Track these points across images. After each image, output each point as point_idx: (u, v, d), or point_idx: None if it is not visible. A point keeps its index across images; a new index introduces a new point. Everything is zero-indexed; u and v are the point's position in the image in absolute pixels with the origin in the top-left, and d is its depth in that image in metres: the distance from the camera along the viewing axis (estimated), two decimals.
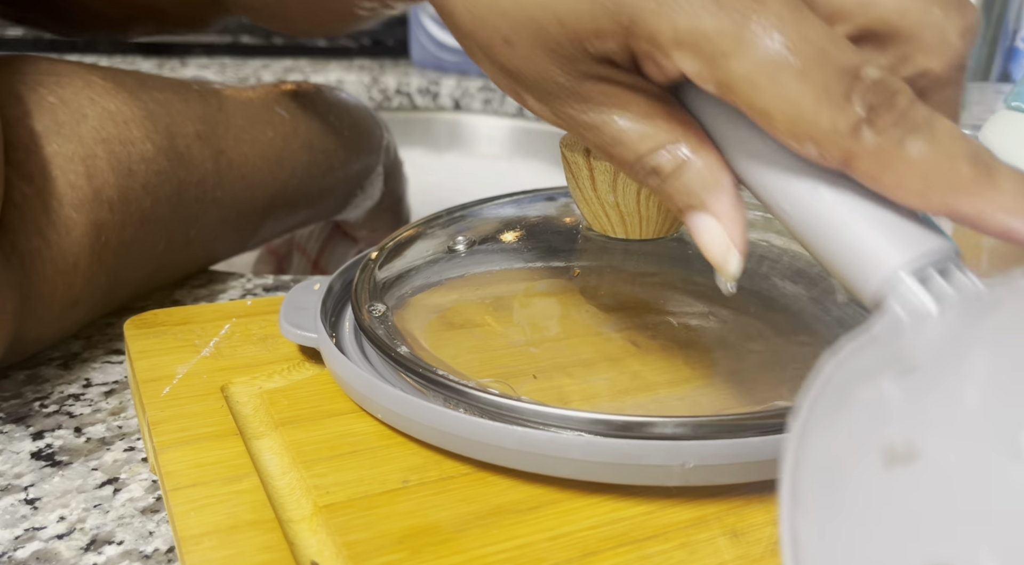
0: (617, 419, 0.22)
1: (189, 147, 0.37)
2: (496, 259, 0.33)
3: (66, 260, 0.30)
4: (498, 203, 0.35)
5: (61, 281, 0.30)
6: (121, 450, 0.28)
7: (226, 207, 0.39)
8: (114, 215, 0.32)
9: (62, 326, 0.32)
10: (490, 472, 0.23)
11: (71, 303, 0.31)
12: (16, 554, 0.24)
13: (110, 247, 0.32)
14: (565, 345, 0.29)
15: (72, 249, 0.30)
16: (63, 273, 0.30)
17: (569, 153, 0.29)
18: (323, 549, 0.21)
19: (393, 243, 0.32)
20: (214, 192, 0.38)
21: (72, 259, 0.30)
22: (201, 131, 0.38)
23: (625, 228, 0.29)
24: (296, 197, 0.45)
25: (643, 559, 0.21)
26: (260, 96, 0.44)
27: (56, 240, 0.30)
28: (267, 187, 0.42)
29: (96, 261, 0.32)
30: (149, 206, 0.34)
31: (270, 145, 0.42)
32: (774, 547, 0.21)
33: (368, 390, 0.25)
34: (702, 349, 0.29)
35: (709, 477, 0.22)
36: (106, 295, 0.34)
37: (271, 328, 0.31)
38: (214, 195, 0.38)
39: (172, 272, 0.39)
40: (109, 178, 0.32)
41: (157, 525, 0.25)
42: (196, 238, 0.38)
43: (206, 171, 0.37)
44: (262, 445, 0.24)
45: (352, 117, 0.50)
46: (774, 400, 0.26)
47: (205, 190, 0.37)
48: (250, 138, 0.41)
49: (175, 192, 0.35)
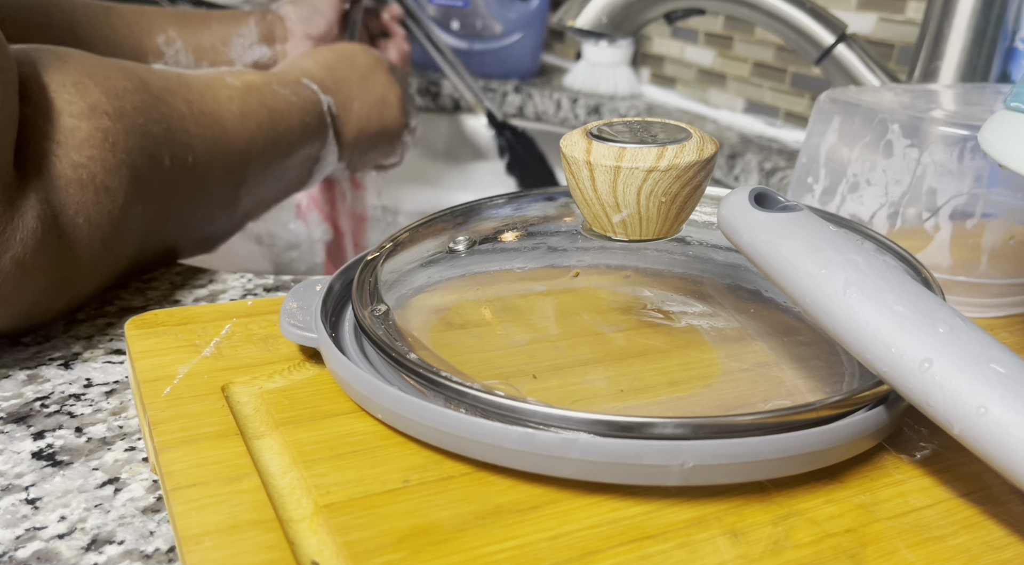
0: (617, 419, 0.22)
1: (162, 91, 0.42)
2: (496, 259, 0.33)
3: (80, 152, 0.35)
4: (498, 203, 0.35)
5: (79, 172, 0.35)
6: (122, 450, 0.29)
7: (208, 142, 0.43)
8: (114, 124, 0.36)
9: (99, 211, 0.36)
10: (490, 472, 0.23)
11: (103, 188, 0.35)
12: (17, 554, 0.24)
13: (120, 148, 0.36)
14: (565, 345, 0.29)
15: (83, 148, 0.35)
16: (77, 165, 0.34)
17: (569, 153, 0.29)
18: (323, 549, 0.21)
19: (393, 243, 0.32)
20: (194, 128, 0.43)
21: (86, 152, 0.35)
22: (167, 86, 0.43)
23: (625, 228, 0.29)
24: (267, 150, 0.48)
25: (643, 559, 0.21)
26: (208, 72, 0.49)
27: (64, 141, 0.34)
28: (238, 135, 0.46)
29: (111, 156, 0.36)
30: (143, 123, 0.38)
31: (230, 101, 0.46)
32: (774, 547, 0.21)
33: (368, 390, 0.25)
34: (702, 349, 0.29)
35: (709, 477, 0.22)
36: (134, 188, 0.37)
37: (271, 328, 0.31)
38: (195, 131, 0.43)
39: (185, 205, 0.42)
40: (100, 98, 0.36)
41: (158, 525, 0.25)
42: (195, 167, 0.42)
43: (181, 112, 0.42)
44: (262, 445, 0.25)
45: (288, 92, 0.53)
46: (774, 400, 0.26)
47: (186, 127, 0.42)
48: (212, 95, 0.45)
49: (162, 118, 0.40)
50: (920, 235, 0.36)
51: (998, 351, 0.21)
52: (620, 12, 0.60)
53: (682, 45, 0.99)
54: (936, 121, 0.36)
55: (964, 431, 0.21)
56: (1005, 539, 0.22)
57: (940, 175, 0.35)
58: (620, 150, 0.28)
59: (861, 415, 0.24)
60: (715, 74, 0.95)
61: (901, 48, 0.74)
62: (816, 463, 0.23)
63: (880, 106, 0.38)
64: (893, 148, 0.37)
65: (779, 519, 0.22)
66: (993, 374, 0.21)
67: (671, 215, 0.29)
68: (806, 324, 0.30)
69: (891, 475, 0.24)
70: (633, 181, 0.28)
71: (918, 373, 0.21)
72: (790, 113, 0.86)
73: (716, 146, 0.29)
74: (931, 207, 0.36)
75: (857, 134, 0.39)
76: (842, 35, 0.58)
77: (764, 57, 0.88)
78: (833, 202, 0.40)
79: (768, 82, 0.88)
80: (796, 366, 0.28)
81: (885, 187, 0.37)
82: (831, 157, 0.40)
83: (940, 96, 0.44)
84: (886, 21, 0.75)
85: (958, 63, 0.54)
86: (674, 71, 1.01)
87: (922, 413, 0.22)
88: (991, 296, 0.36)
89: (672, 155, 0.27)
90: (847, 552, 0.21)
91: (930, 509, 0.23)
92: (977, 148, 0.34)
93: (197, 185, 0.43)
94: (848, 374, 0.27)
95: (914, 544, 0.22)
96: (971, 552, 0.22)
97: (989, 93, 0.44)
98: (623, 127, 0.30)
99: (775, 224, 0.26)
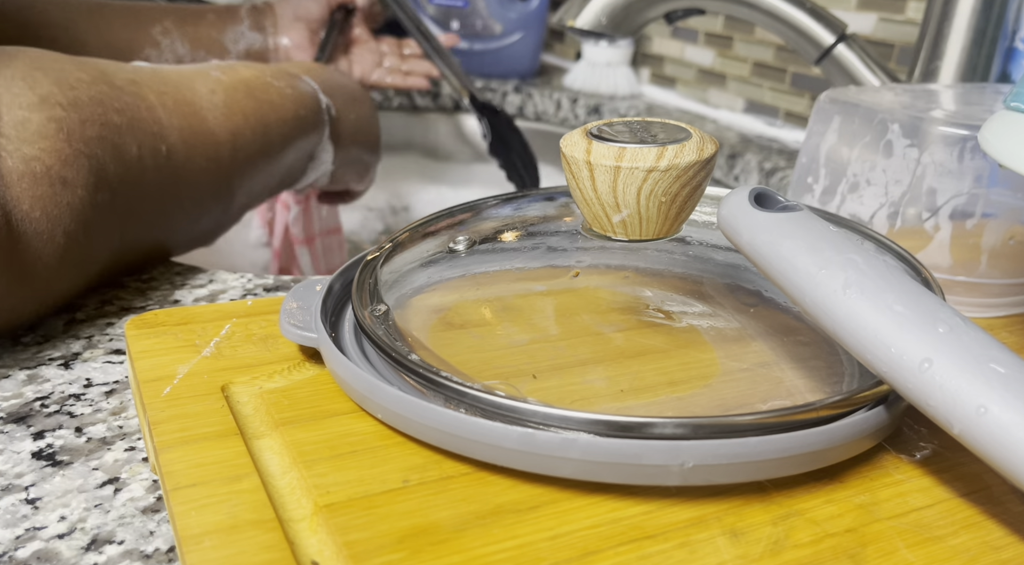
0: (617, 419, 0.22)
1: (126, 83, 0.40)
2: (496, 259, 0.33)
3: (32, 144, 0.34)
4: (498, 203, 0.35)
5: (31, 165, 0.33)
6: (122, 450, 0.29)
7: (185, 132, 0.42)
8: (68, 114, 0.35)
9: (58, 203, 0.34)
10: (490, 472, 0.23)
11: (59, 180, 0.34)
12: (17, 554, 0.24)
13: (76, 138, 0.35)
14: (565, 345, 0.29)
15: (35, 140, 0.34)
16: (30, 159, 0.33)
17: (569, 153, 0.29)
18: (323, 549, 0.21)
19: (393, 243, 0.32)
20: (167, 118, 0.41)
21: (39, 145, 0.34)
22: (134, 78, 0.41)
23: (625, 228, 0.29)
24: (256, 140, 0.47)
25: (643, 559, 0.21)
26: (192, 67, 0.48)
27: (14, 134, 0.33)
28: (221, 125, 0.45)
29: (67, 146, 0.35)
30: (102, 113, 0.37)
31: (212, 94, 0.45)
32: (774, 547, 0.21)
33: (368, 390, 0.25)
34: (702, 349, 0.29)
35: (708, 477, 0.22)
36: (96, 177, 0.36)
37: (271, 328, 0.31)
38: (168, 121, 0.41)
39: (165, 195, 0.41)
40: (52, 89, 0.35)
41: (158, 525, 0.25)
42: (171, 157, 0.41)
43: (150, 102, 0.41)
44: (262, 445, 0.25)
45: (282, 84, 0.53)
46: (774, 400, 0.26)
47: (157, 117, 0.41)
48: (189, 87, 0.44)
49: (126, 107, 0.39)
50: (920, 235, 0.36)
51: (998, 351, 0.21)
52: (620, 12, 0.60)
53: (682, 45, 0.99)
54: (936, 121, 0.36)
55: (964, 431, 0.21)
56: (1005, 539, 0.22)
57: (940, 175, 0.35)
58: (620, 150, 0.28)
59: (861, 415, 0.24)
60: (715, 74, 0.95)
61: (901, 48, 0.74)
62: (816, 463, 0.23)
63: (880, 106, 0.38)
64: (893, 148, 0.37)
65: (779, 519, 0.22)
66: (993, 374, 0.21)
67: (671, 215, 0.29)
68: (806, 324, 0.30)
69: (891, 475, 0.24)
70: (633, 181, 0.28)
71: (918, 373, 0.22)
72: (790, 113, 0.86)
73: (716, 146, 0.29)
74: (931, 207, 0.36)
75: (857, 134, 0.39)
76: (842, 35, 0.58)
77: (764, 57, 0.88)
78: (833, 202, 0.40)
79: (768, 82, 0.88)
80: (796, 366, 0.28)
81: (885, 187, 0.37)
82: (831, 157, 0.40)
83: (940, 96, 0.44)
84: (886, 21, 0.75)
85: (958, 63, 0.54)
86: (674, 71, 1.01)
87: (922, 413, 0.22)
88: (991, 296, 0.36)
89: (672, 155, 0.27)
90: (847, 552, 0.21)
91: (930, 509, 0.23)
92: (977, 148, 0.34)
93: (178, 176, 0.42)
94: (848, 374, 0.27)
95: (914, 544, 0.22)
96: (971, 552, 0.22)
97: (989, 93, 0.44)
98: (623, 127, 0.30)
99: (775, 224, 0.26)
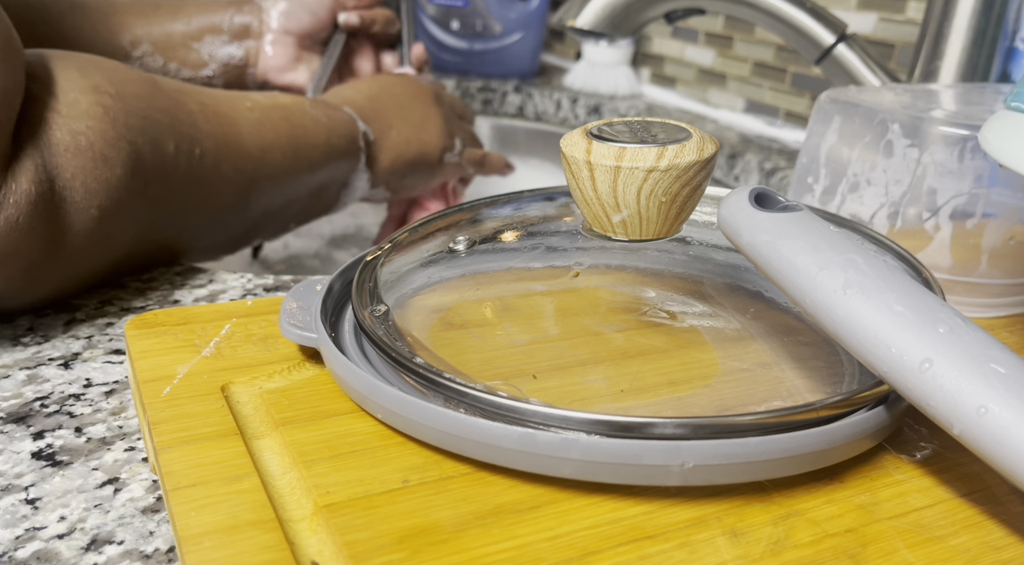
0: (617, 419, 0.22)
1: (172, 91, 0.43)
2: (496, 259, 0.33)
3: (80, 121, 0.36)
4: (498, 203, 0.35)
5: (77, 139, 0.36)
6: (121, 450, 0.28)
7: (219, 140, 0.44)
8: (115, 102, 0.38)
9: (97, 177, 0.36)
10: (490, 472, 0.23)
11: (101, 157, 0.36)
12: (16, 554, 0.24)
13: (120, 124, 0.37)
14: (565, 345, 0.29)
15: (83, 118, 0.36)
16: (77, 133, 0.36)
17: (569, 153, 0.29)
18: (323, 549, 0.21)
19: (393, 243, 0.32)
20: (204, 125, 0.43)
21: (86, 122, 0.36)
22: (179, 88, 0.44)
23: (625, 228, 0.29)
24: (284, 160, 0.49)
25: (643, 559, 0.21)
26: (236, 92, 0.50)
27: (65, 111, 0.36)
28: (252, 139, 0.46)
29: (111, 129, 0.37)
30: (145, 108, 0.39)
31: (249, 111, 0.47)
32: (774, 547, 0.21)
33: (368, 390, 0.25)
34: (702, 349, 0.29)
35: (709, 477, 0.22)
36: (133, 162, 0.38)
37: (271, 328, 0.31)
38: (205, 127, 0.43)
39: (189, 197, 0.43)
40: (103, 81, 0.38)
41: (157, 525, 0.25)
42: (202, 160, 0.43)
43: (190, 109, 0.43)
44: (262, 445, 0.25)
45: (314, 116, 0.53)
46: (774, 400, 0.26)
47: (195, 121, 0.43)
48: (229, 103, 0.46)
49: (168, 109, 0.41)
50: (920, 235, 0.36)
51: (998, 351, 0.21)
52: (620, 12, 0.60)
53: (682, 45, 0.99)
54: (936, 121, 0.36)
55: (964, 431, 0.21)
56: (1005, 539, 0.22)
57: (940, 175, 0.35)
58: (620, 150, 0.28)
59: (861, 415, 0.24)
60: (715, 74, 0.95)
61: (901, 48, 0.74)
62: (816, 463, 0.23)
63: (880, 106, 0.38)
64: (893, 148, 0.37)
65: (779, 519, 0.22)
66: (993, 374, 0.21)
67: (671, 215, 0.29)
68: (806, 324, 0.30)
69: (891, 475, 0.24)
70: (633, 181, 0.28)
71: (918, 373, 0.21)
72: (790, 113, 0.86)
73: (716, 146, 0.29)
74: (931, 207, 0.36)
75: (857, 134, 0.39)
76: (842, 35, 0.58)
77: (764, 57, 0.88)
78: (833, 202, 0.40)
79: (768, 82, 0.88)
80: (796, 366, 0.28)
81: (885, 187, 0.37)
82: (831, 157, 0.40)
83: (940, 96, 0.44)
84: (886, 21, 0.75)
85: (958, 63, 0.54)
86: (674, 71, 1.01)
87: (922, 413, 0.22)
88: (991, 296, 0.36)
89: (672, 155, 0.27)
90: (847, 552, 0.21)
91: (930, 509, 0.23)
92: (977, 148, 0.34)
93: (205, 179, 0.43)
94: (848, 374, 0.27)
95: (914, 544, 0.22)
96: (971, 552, 0.22)
97: (989, 93, 0.44)
98: (623, 127, 0.30)
99: (775, 224, 0.26)
